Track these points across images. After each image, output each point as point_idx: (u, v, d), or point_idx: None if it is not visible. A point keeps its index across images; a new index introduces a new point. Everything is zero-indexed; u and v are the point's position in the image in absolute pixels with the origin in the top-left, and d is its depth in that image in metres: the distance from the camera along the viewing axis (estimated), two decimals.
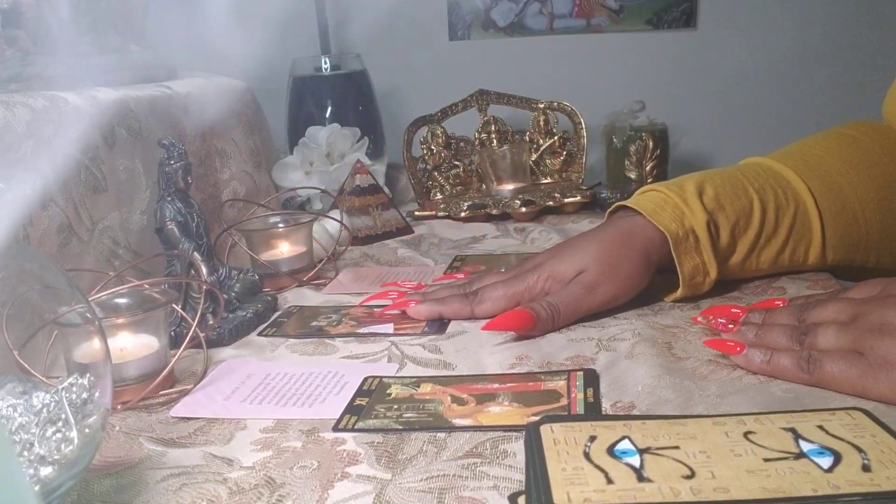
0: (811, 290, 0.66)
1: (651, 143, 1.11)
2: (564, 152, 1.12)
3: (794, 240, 0.67)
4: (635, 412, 0.47)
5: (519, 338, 0.60)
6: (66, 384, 0.38)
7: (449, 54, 1.42)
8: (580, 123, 1.10)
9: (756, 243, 0.66)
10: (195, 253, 0.65)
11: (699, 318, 0.59)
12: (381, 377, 0.54)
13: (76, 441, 0.36)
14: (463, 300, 0.65)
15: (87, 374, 0.39)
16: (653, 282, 0.65)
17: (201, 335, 0.58)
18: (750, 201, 0.66)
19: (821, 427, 0.39)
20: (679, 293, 0.64)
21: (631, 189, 1.05)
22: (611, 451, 0.37)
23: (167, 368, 0.54)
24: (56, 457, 0.35)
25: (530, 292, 0.63)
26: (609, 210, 0.70)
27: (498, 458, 0.43)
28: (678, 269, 0.63)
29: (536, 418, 0.44)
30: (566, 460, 0.37)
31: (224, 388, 0.55)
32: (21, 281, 0.41)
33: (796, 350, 0.50)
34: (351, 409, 0.50)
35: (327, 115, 1.16)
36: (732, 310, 0.58)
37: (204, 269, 0.65)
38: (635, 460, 0.36)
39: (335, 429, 0.48)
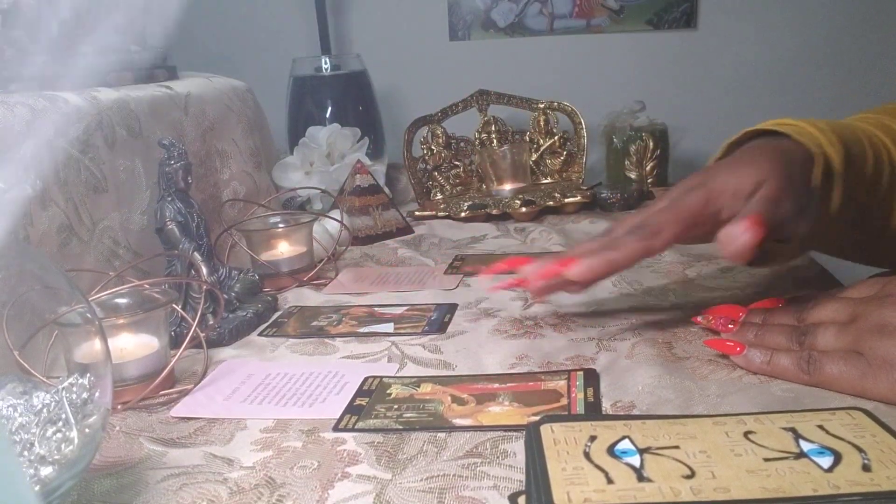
0: (812, 291, 0.66)
1: (651, 143, 1.11)
2: (564, 152, 1.12)
3: (887, 195, 0.60)
4: (635, 412, 0.47)
5: (525, 333, 0.60)
6: (66, 384, 0.38)
7: (449, 54, 1.42)
8: (580, 123, 1.10)
9: (873, 193, 0.59)
10: (195, 253, 0.65)
11: (699, 319, 0.59)
12: (382, 377, 0.54)
13: (76, 441, 0.36)
14: (635, 237, 0.53)
15: (88, 374, 0.39)
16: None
17: (201, 335, 0.58)
18: (864, 148, 0.58)
19: (821, 427, 0.39)
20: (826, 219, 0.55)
21: (631, 189, 1.06)
22: (611, 450, 0.37)
23: (167, 368, 0.54)
24: (56, 457, 0.35)
25: (706, 210, 0.53)
26: (736, 137, 0.60)
27: (498, 458, 0.43)
28: (831, 197, 0.55)
29: (536, 418, 0.44)
30: (566, 460, 0.37)
31: (224, 388, 0.55)
32: (21, 281, 0.41)
33: (796, 350, 0.50)
34: (351, 409, 0.50)
35: (327, 115, 1.16)
36: (732, 309, 0.58)
37: (204, 269, 0.65)
38: (635, 460, 0.36)
39: (335, 429, 0.48)
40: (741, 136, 0.60)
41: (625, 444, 0.38)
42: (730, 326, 0.55)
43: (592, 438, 0.39)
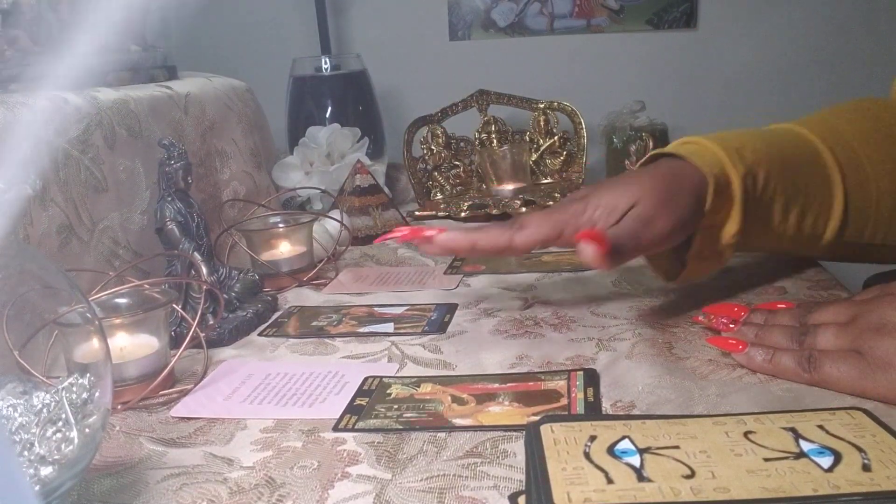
0: (812, 291, 0.66)
1: (651, 143, 1.11)
2: (564, 152, 1.12)
3: (817, 205, 0.65)
4: (635, 412, 0.47)
5: (525, 333, 0.60)
6: (66, 384, 0.38)
7: (449, 54, 1.42)
8: (580, 123, 1.10)
9: (787, 205, 0.63)
10: (195, 253, 0.65)
11: (700, 317, 0.59)
12: (382, 377, 0.54)
13: (76, 441, 0.36)
14: (501, 226, 0.59)
15: (88, 374, 0.39)
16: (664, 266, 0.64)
17: (201, 335, 0.58)
18: (785, 162, 0.63)
19: (821, 427, 0.39)
20: (695, 248, 0.60)
21: None
22: (611, 450, 0.37)
23: (167, 368, 0.54)
24: (56, 457, 0.35)
25: (576, 220, 0.58)
26: (643, 159, 0.66)
27: (498, 457, 0.43)
28: (709, 201, 0.59)
29: (536, 418, 0.44)
30: (566, 460, 0.37)
31: (224, 388, 0.55)
32: (21, 281, 0.41)
33: (796, 350, 0.50)
34: (351, 408, 0.50)
35: (327, 115, 1.16)
36: (733, 308, 0.58)
37: (204, 269, 0.65)
38: (635, 460, 0.36)
39: (335, 429, 0.48)
40: (647, 159, 0.66)
41: (625, 444, 0.38)
42: (731, 326, 0.56)
43: (592, 438, 0.39)
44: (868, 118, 0.71)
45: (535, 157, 1.13)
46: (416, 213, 1.06)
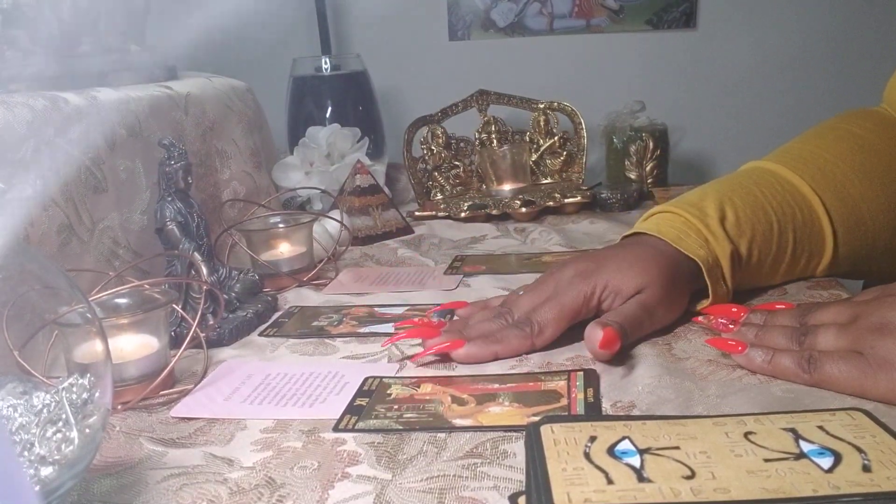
0: (812, 290, 0.66)
1: (651, 143, 1.11)
2: (564, 152, 1.12)
3: (807, 256, 0.66)
4: (635, 412, 0.47)
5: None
6: (66, 384, 0.38)
7: (449, 54, 1.42)
8: (580, 123, 1.10)
9: (774, 264, 0.65)
10: (195, 253, 0.65)
11: (700, 318, 0.59)
12: (382, 377, 0.54)
13: (76, 441, 0.36)
14: (521, 334, 0.57)
15: (88, 374, 0.39)
16: None
17: (201, 335, 0.58)
18: (770, 224, 0.64)
19: (821, 427, 0.39)
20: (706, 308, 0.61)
21: (631, 189, 1.06)
22: (611, 451, 0.37)
23: (167, 368, 0.54)
24: (56, 457, 0.35)
25: (587, 306, 0.58)
26: (627, 234, 0.66)
27: (498, 458, 0.43)
28: (710, 294, 0.61)
29: (537, 418, 0.44)
30: (566, 460, 0.37)
31: (224, 389, 0.55)
32: (21, 281, 0.41)
33: (796, 350, 0.50)
34: (351, 409, 0.50)
35: (327, 115, 1.16)
36: (732, 309, 0.58)
37: (204, 269, 0.65)
38: (635, 461, 0.36)
39: (335, 429, 0.48)
40: (631, 233, 0.66)
41: (625, 445, 0.38)
42: (730, 327, 0.56)
43: (592, 439, 0.39)
44: (861, 149, 0.70)
45: (535, 157, 1.13)
46: (416, 213, 1.06)
